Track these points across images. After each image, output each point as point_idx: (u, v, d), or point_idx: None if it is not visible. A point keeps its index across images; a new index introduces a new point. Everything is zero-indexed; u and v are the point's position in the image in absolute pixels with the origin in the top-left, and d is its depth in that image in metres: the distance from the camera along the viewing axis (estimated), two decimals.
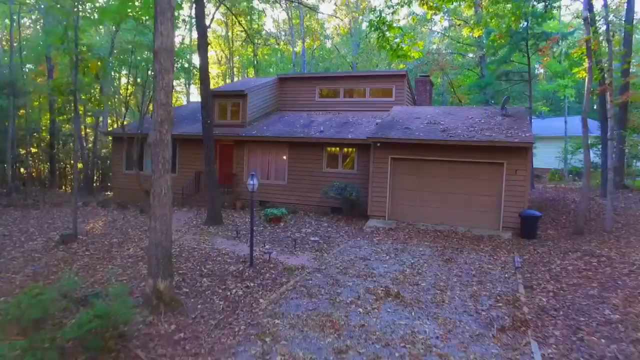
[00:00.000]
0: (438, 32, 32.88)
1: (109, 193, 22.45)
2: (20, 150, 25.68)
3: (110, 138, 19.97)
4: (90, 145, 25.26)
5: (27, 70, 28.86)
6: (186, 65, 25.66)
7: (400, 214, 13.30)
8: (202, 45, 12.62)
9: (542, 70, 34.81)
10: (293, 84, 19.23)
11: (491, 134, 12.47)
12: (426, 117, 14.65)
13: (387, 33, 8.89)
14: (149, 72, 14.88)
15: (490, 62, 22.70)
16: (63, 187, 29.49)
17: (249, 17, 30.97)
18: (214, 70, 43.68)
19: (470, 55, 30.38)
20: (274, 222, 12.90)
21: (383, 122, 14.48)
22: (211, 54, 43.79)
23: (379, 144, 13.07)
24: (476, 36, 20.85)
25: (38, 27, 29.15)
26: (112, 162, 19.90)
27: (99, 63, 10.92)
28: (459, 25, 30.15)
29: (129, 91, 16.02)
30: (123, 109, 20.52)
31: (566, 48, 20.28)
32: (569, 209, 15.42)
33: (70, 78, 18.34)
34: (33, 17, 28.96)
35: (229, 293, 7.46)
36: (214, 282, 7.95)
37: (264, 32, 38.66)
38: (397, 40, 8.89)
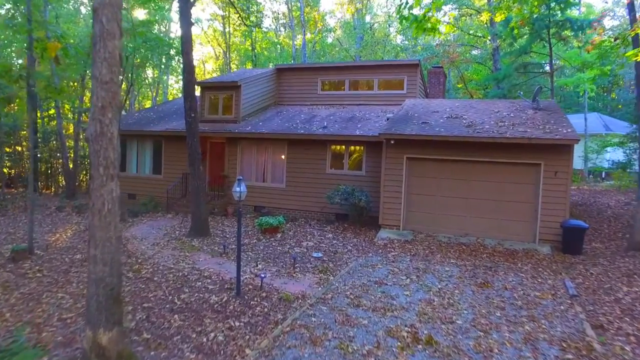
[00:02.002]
0: (447, 23, 30.85)
1: None
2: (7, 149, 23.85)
3: None
4: (79, 143, 23.34)
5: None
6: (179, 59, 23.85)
7: (417, 223, 11.42)
8: (185, 24, 10.73)
9: (547, 66, 32.86)
10: (293, 76, 17.35)
11: (525, 129, 10.58)
12: (445, 111, 12.76)
13: (409, 0, 6.99)
14: (127, 57, 12.98)
15: (508, 52, 20.81)
16: (50, 189, 27.66)
17: (246, 8, 29.08)
18: (209, 65, 41.83)
19: (483, 47, 28.44)
20: (269, 233, 11.03)
21: (396, 116, 12.60)
22: (208, 50, 41.95)
23: (392, 141, 11.19)
24: (497, 21, 18.93)
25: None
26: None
27: (58, 45, 8.98)
28: (470, 15, 28.24)
29: None
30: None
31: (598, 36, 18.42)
32: (607, 216, 13.53)
33: (49, 66, 16.49)
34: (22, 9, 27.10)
35: (205, 339, 5.58)
36: (187, 321, 6.07)
37: (263, 27, 36.80)
38: (425, 8, 6.97)
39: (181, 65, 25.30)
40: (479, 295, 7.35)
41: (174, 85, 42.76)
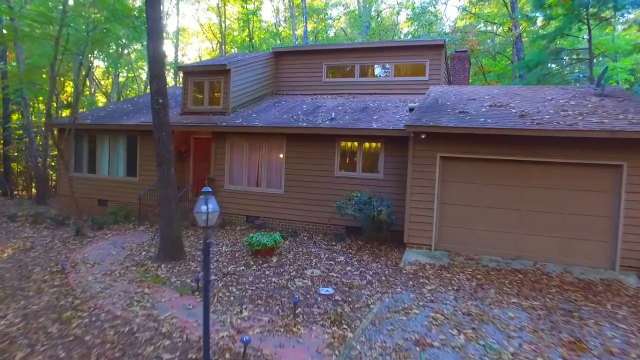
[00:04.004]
0: (460, 8, 28.23)
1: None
2: None
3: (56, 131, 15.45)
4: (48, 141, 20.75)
5: None
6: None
7: (454, 242, 8.85)
8: None
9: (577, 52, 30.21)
10: (293, 60, 14.77)
11: (600, 120, 8.01)
12: (484, 99, 10.20)
13: None
14: (88, 32, 10.38)
15: (540, 36, 18.18)
16: (25, 192, 25.15)
17: None
18: (205, 59, 39.20)
19: (502, 35, 25.84)
20: (262, 256, 8.45)
21: (423, 105, 10.03)
22: (207, 45, 39.32)
23: (423, 136, 8.60)
24: None
25: None
26: (58, 162, 15.47)
27: None
28: (487, 1, 25.65)
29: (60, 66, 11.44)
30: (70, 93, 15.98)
31: None
32: None
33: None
34: None
35: None
36: None
37: (262, 18, 34.19)
38: None
39: (172, 59, 22.68)
40: None
41: (170, 81, 40.21)
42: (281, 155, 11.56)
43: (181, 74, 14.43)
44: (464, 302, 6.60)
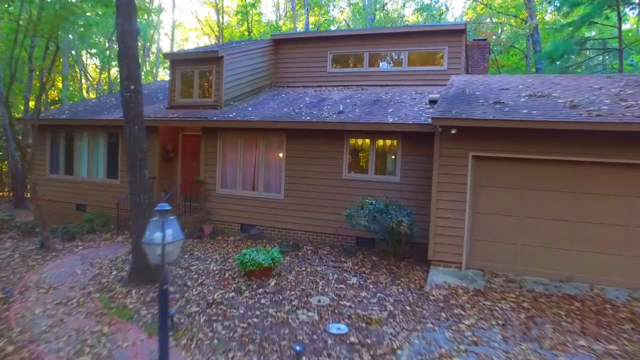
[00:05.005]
0: None
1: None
2: None
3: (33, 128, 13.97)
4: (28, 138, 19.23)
5: None
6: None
7: (489, 259, 7.34)
8: None
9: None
10: (294, 48, 13.24)
11: None
12: (518, 88, 8.68)
13: None
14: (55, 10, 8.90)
15: (566, 24, 16.63)
16: (7, 192, 23.64)
17: None
18: None
19: (517, 27, 24.31)
20: (257, 279, 6.92)
21: (447, 95, 8.50)
22: (205, 40, 37.83)
23: (453, 131, 7.07)
24: None
25: None
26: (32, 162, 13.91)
27: None
28: None
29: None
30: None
31: None
32: None
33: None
34: None
35: None
36: None
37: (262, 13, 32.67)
38: None
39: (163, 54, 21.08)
40: None
41: (166, 78, 38.67)
42: (281, 155, 10.05)
43: (168, 62, 12.89)
44: (517, 344, 5.08)
